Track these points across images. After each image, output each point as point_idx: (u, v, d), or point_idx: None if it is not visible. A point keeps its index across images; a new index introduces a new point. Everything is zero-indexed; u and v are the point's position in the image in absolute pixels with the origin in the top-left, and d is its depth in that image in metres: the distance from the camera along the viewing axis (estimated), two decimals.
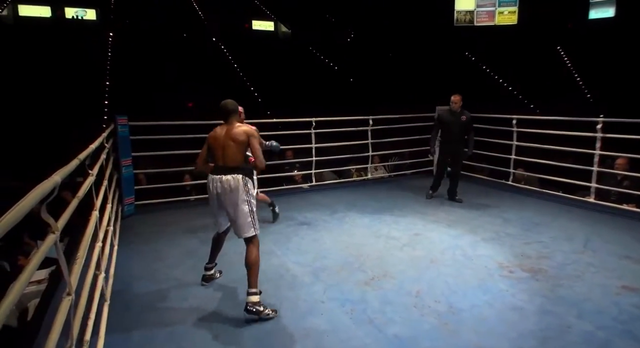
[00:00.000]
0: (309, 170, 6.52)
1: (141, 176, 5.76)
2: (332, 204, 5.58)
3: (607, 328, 2.58)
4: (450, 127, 5.38)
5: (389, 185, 6.85)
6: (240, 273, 3.37)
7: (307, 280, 3.31)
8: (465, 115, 5.34)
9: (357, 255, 3.79)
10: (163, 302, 2.99)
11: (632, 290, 3.06)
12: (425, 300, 2.95)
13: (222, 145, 2.91)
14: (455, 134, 5.37)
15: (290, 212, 5.23)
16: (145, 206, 5.36)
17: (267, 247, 4.02)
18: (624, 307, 2.83)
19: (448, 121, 5.40)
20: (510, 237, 4.22)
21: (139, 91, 11.96)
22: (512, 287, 3.13)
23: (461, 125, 5.36)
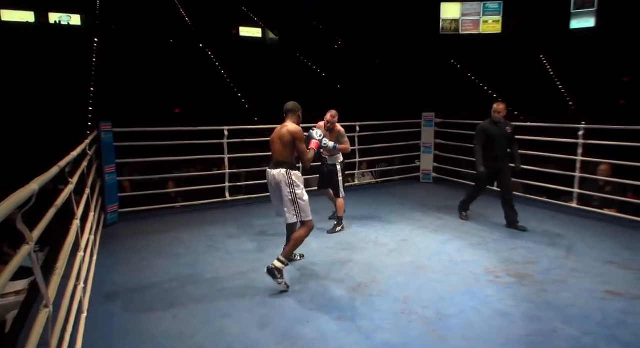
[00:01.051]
0: None
1: (125, 183, 5.67)
2: (320, 210, 5.52)
3: (593, 334, 2.60)
4: (495, 141, 4.60)
5: (376, 191, 6.86)
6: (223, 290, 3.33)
7: (295, 287, 3.28)
8: (509, 127, 4.63)
9: (345, 262, 3.76)
10: (148, 312, 2.91)
11: (616, 295, 3.09)
12: (413, 307, 2.93)
13: (274, 141, 3.36)
14: (501, 148, 4.63)
15: (278, 219, 5.14)
16: (129, 214, 5.26)
17: (254, 256, 3.98)
18: (608, 312, 2.86)
19: (493, 134, 4.61)
20: (496, 243, 4.25)
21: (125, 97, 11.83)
22: (499, 293, 3.14)
23: (506, 138, 4.62)
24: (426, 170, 7.38)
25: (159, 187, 5.77)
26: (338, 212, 4.70)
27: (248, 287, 3.27)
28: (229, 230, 4.76)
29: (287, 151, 3.30)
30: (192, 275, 3.52)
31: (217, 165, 6.49)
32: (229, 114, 11.71)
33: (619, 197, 5.13)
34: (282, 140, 3.29)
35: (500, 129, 4.61)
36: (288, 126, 3.31)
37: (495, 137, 4.62)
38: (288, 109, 3.41)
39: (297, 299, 3.07)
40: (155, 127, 5.64)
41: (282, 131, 3.31)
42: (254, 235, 4.59)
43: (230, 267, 3.70)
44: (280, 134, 3.32)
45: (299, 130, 3.33)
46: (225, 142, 5.74)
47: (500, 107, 4.63)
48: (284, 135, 3.29)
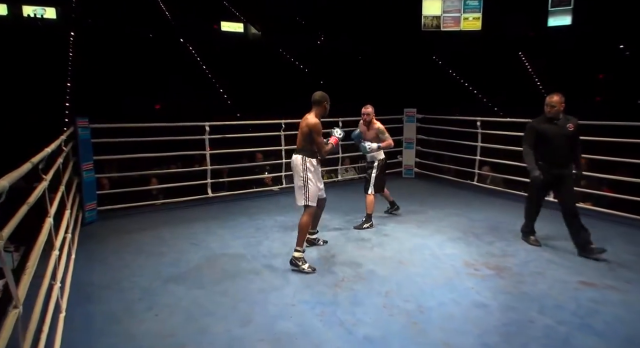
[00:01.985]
0: (279, 173, 6.47)
1: (104, 180, 5.56)
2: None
3: (567, 323, 2.68)
4: (551, 141, 3.74)
5: (359, 187, 6.83)
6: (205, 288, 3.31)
7: (277, 283, 3.28)
8: (572, 123, 3.73)
9: (328, 257, 3.78)
10: (127, 312, 2.87)
11: (589, 285, 3.20)
12: (394, 300, 2.97)
13: (299, 129, 3.66)
14: (560, 150, 3.75)
15: (260, 215, 5.17)
16: (109, 212, 5.17)
17: (237, 251, 3.96)
18: (582, 301, 2.95)
19: (547, 133, 3.75)
20: (476, 237, 4.33)
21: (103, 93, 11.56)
22: (478, 285, 3.21)
23: (567, 138, 3.73)
24: (408, 165, 7.45)
25: (139, 184, 5.67)
26: (367, 209, 4.66)
27: (231, 285, 3.26)
28: (212, 227, 4.72)
29: (305, 141, 3.59)
30: (174, 274, 3.48)
31: (199, 162, 6.42)
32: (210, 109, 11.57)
33: (594, 191, 5.27)
34: (301, 130, 3.60)
35: (559, 126, 3.71)
36: (308, 118, 3.57)
37: (551, 136, 3.73)
38: (314, 100, 3.62)
39: (280, 295, 3.08)
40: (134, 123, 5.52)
41: (303, 123, 3.60)
42: (236, 232, 4.56)
43: (213, 264, 3.68)
44: (301, 124, 3.61)
45: (317, 123, 3.53)
46: (206, 138, 5.68)
47: (554, 99, 3.69)
48: (303, 126, 3.58)
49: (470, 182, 6.53)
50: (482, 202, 5.77)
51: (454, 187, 6.64)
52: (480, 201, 5.81)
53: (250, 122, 6.93)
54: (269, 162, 6.83)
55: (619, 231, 4.50)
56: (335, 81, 15.45)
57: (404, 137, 7.40)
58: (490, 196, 6.07)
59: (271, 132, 6.33)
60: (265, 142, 6.55)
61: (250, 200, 5.95)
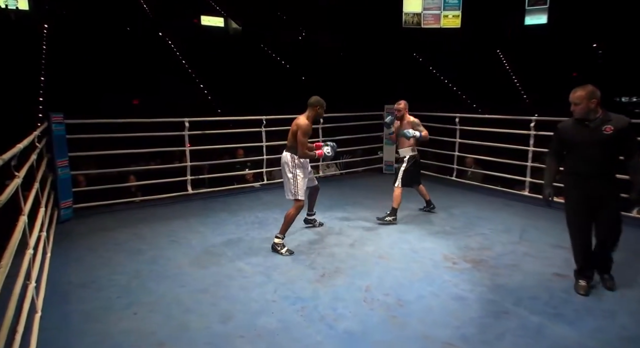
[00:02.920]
0: (260, 169, 6.44)
1: (80, 177, 5.43)
2: (284, 203, 5.45)
3: (540, 313, 2.77)
4: (578, 149, 2.87)
5: (340, 183, 6.93)
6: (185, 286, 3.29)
7: (258, 280, 3.28)
8: (611, 124, 2.75)
9: (308, 253, 3.80)
10: (106, 311, 2.83)
11: (562, 277, 3.30)
12: (374, 294, 3.02)
13: (290, 129, 3.89)
14: (591, 160, 2.82)
15: (242, 211, 5.15)
16: (85, 210, 5.05)
17: (218, 249, 3.94)
18: (554, 292, 3.05)
19: (574, 138, 2.87)
20: (454, 231, 4.42)
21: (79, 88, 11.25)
22: (456, 278, 3.28)
23: (602, 145, 2.77)
24: (389, 161, 7.52)
25: (116, 182, 5.56)
26: (393, 202, 4.67)
27: (212, 282, 3.24)
28: (192, 224, 4.69)
29: (294, 139, 3.83)
30: (154, 272, 3.44)
31: (178, 158, 6.35)
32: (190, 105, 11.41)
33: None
34: (292, 129, 3.85)
35: (590, 129, 2.78)
36: (300, 119, 3.83)
37: (578, 142, 2.84)
38: (309, 103, 3.88)
39: (261, 292, 3.08)
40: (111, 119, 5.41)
41: (294, 122, 3.85)
42: (217, 229, 4.53)
43: (194, 261, 3.65)
44: (293, 123, 3.87)
45: (306, 124, 3.78)
46: (186, 134, 5.61)
47: (577, 94, 2.76)
48: (293, 125, 3.84)
49: (450, 177, 6.65)
50: (461, 197, 5.88)
51: (434, 183, 6.73)
52: (459, 196, 5.92)
53: (231, 118, 6.88)
54: (250, 159, 6.79)
55: None
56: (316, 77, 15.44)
57: (384, 133, 7.46)
58: (470, 191, 6.19)
59: (252, 128, 6.30)
60: (246, 138, 6.51)
61: (231, 197, 5.91)
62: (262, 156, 6.31)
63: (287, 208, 5.23)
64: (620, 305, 2.87)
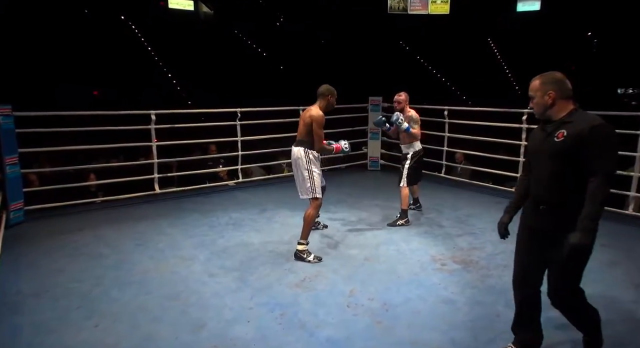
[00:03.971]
0: (234, 166, 6.41)
1: (32, 176, 5.29)
2: (261, 202, 5.54)
3: None
4: (535, 163, 2.24)
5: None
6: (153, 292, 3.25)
7: (233, 285, 3.27)
8: (565, 128, 2.07)
9: (288, 256, 3.80)
10: (62, 323, 2.77)
11: None
12: (359, 299, 3.04)
13: (300, 120, 3.88)
14: (541, 178, 2.17)
15: (215, 212, 5.12)
16: (39, 211, 4.93)
17: (188, 252, 3.91)
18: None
19: (529, 146, 2.34)
20: (443, 230, 4.50)
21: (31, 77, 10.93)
22: (445, 280, 3.34)
23: (553, 157, 2.09)
24: (374, 157, 7.58)
25: (74, 180, 5.43)
26: (401, 204, 4.66)
27: (182, 288, 3.21)
28: (160, 226, 4.64)
29: (306, 132, 3.79)
30: (117, 278, 3.39)
31: (144, 155, 6.25)
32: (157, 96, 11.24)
33: None
34: (304, 122, 3.81)
35: (544, 136, 2.16)
36: (312, 110, 3.79)
37: (532, 153, 2.27)
38: (319, 92, 3.86)
39: (236, 298, 3.07)
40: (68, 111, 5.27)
41: (306, 113, 3.81)
42: (188, 230, 4.50)
43: (162, 266, 3.61)
44: (304, 115, 3.84)
45: (320, 115, 3.76)
46: (152, 128, 5.52)
47: (533, 84, 2.18)
48: (306, 117, 3.79)
49: (438, 174, 6.75)
50: (450, 194, 5.98)
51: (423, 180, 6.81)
52: (448, 194, 6.01)
53: (203, 110, 6.80)
54: (223, 155, 6.74)
55: None
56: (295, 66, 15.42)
57: (369, 127, 7.51)
58: (458, 188, 6.30)
59: (226, 121, 6.26)
60: (219, 133, 6.46)
61: (203, 196, 5.87)
62: (237, 152, 6.27)
63: (268, 207, 5.28)
64: (612, 308, 2.97)
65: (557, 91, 2.10)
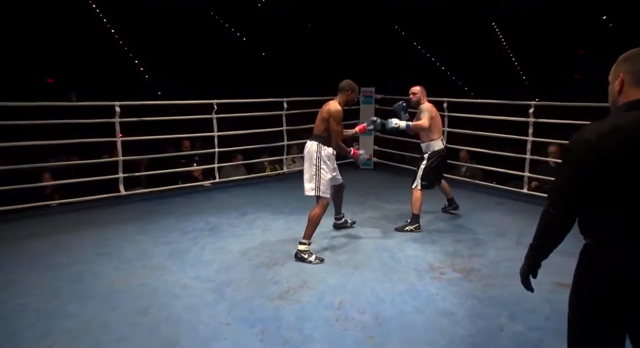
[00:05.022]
0: (211, 164, 6.39)
1: None
2: (241, 205, 5.54)
3: (540, 329, 2.89)
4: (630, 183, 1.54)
5: None
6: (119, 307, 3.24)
7: (209, 298, 3.27)
8: None
9: (271, 265, 3.81)
10: (12, 343, 2.73)
11: (564, 286, 3.39)
12: (348, 312, 3.06)
13: (318, 115, 4.13)
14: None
15: (189, 216, 5.10)
16: None
17: (158, 262, 3.89)
18: (556, 304, 3.18)
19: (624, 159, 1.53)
20: (441, 235, 4.54)
21: None
22: (443, 290, 3.38)
23: None
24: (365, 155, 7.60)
25: (26, 181, 5.34)
26: (412, 207, 4.67)
27: (151, 302, 3.20)
28: (127, 232, 4.62)
29: (323, 127, 4.04)
30: (77, 291, 3.36)
31: (108, 151, 6.20)
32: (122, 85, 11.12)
33: None
34: (321, 116, 4.06)
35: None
36: (330, 104, 4.04)
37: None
38: (340, 87, 4.11)
39: (212, 313, 3.06)
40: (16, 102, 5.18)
41: (325, 108, 4.05)
42: (158, 237, 4.48)
43: (129, 277, 3.59)
44: (322, 109, 4.08)
45: (338, 110, 4.01)
46: (116, 121, 5.47)
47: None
48: (324, 112, 4.04)
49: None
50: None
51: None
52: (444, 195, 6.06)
53: (175, 101, 6.77)
54: (198, 152, 6.71)
55: None
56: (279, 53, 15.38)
57: (360, 121, 7.54)
58: (459, 188, 6.33)
59: (201, 114, 6.23)
60: (193, 127, 6.43)
61: (176, 198, 5.85)
62: (214, 149, 6.25)
63: (248, 210, 5.28)
64: None
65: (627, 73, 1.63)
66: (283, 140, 6.91)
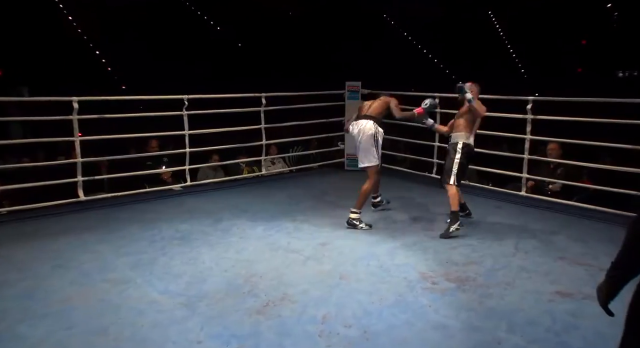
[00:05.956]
0: (181, 166, 6.34)
1: None
2: (215, 211, 5.51)
3: (541, 341, 2.92)
4: None
5: (290, 183, 6.95)
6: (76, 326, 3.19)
7: (179, 314, 3.23)
8: None
9: (248, 276, 3.79)
10: None
11: (566, 296, 3.50)
12: (333, 326, 3.05)
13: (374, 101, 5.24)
14: None
15: (156, 223, 5.06)
16: None
17: (122, 275, 3.85)
18: (557, 315, 3.22)
19: None
20: (434, 241, 4.57)
21: None
22: (436, 301, 3.39)
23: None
24: (352, 154, 7.60)
25: None
26: (451, 205, 4.67)
27: (113, 319, 3.15)
28: (86, 242, 4.55)
29: (381, 109, 5.10)
30: (28, 309, 3.30)
31: (65, 152, 6.11)
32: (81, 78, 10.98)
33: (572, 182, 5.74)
34: (380, 100, 5.18)
35: None
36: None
37: None
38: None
39: (182, 330, 3.03)
40: None
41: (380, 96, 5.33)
42: (122, 247, 4.43)
43: (88, 293, 3.54)
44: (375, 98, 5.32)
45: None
46: (74, 119, 5.40)
47: None
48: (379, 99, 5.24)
49: (428, 174, 6.85)
50: (441, 198, 6.00)
51: (408, 181, 6.92)
52: (439, 197, 6.03)
53: (141, 96, 6.69)
54: (167, 152, 6.66)
55: (595, 228, 4.98)
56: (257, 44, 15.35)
57: (346, 118, 7.55)
58: None
59: (170, 111, 6.20)
60: (162, 125, 6.38)
61: (142, 204, 5.80)
62: (185, 149, 6.21)
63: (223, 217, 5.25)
64: None
65: None
66: (261, 140, 6.88)
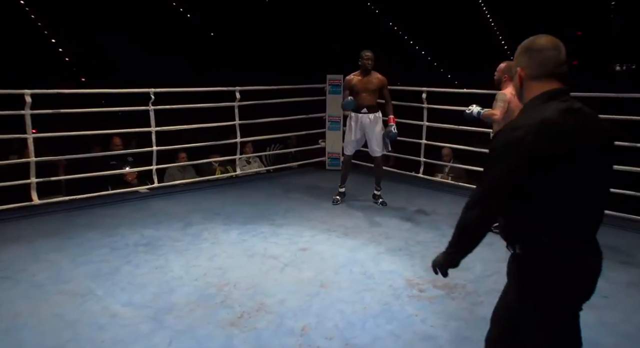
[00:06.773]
0: (147, 166, 6.30)
1: None
2: (184, 214, 5.48)
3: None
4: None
5: (267, 184, 6.94)
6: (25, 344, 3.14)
7: (145, 328, 3.20)
8: None
9: (220, 285, 3.78)
10: None
11: None
12: (313, 339, 3.05)
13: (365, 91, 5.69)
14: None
15: (119, 228, 5.02)
16: None
17: (80, 286, 3.81)
18: None
19: None
20: (421, 246, 4.60)
21: None
22: (423, 310, 3.41)
23: None
24: (333, 153, 7.64)
25: None
26: None
27: (70, 335, 3.11)
28: (39, 250, 4.49)
29: (375, 97, 5.71)
30: None
31: (17, 151, 6.02)
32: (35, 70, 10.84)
33: None
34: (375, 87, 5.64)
35: None
36: (376, 74, 5.65)
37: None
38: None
39: (149, 345, 3.01)
40: None
41: (370, 80, 5.62)
42: (80, 255, 4.38)
43: (40, 306, 3.48)
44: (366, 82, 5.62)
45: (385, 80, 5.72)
46: (27, 114, 5.32)
47: None
48: (371, 84, 5.62)
49: (415, 174, 6.89)
50: (428, 199, 6.14)
51: (393, 181, 6.94)
52: (425, 199, 6.17)
53: (102, 90, 6.63)
54: (131, 151, 6.60)
55: None
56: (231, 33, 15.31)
57: (327, 113, 7.58)
58: (440, 192, 6.47)
59: (135, 106, 6.15)
60: (126, 121, 6.32)
61: (104, 208, 5.73)
62: (151, 147, 6.16)
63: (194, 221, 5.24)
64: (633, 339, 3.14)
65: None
66: (236, 137, 6.85)
